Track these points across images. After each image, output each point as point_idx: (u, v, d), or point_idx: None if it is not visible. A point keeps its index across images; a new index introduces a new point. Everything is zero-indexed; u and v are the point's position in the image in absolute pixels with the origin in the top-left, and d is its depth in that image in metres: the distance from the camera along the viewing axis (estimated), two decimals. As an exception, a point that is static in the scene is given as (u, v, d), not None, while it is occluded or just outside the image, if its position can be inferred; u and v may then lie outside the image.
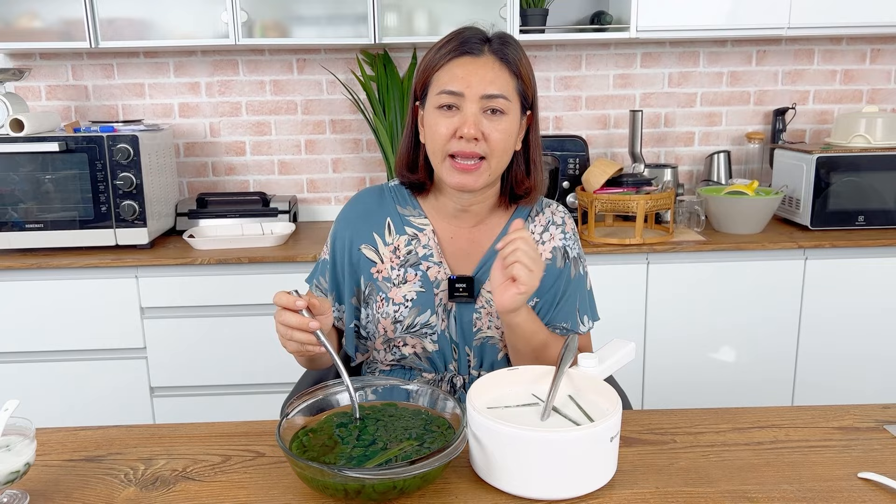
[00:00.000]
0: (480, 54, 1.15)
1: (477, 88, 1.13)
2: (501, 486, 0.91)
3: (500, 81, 1.15)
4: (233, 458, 1.02)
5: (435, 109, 1.16)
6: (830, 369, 2.32)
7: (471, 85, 1.13)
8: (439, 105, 1.15)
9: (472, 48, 1.15)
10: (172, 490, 0.94)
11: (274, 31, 2.33)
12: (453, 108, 1.14)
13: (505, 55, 1.16)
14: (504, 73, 1.15)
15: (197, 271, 2.17)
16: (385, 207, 1.28)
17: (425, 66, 1.19)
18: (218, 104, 2.62)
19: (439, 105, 1.15)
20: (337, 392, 1.05)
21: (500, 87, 1.14)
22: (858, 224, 2.34)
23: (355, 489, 0.85)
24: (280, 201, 2.51)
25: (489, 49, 1.16)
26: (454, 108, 1.15)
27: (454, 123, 1.14)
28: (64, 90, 2.59)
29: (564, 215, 1.32)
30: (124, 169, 2.17)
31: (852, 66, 2.66)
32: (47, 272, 2.14)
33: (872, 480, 0.93)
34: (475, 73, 1.14)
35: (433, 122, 1.16)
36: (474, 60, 1.15)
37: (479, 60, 1.15)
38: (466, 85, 1.13)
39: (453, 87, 1.14)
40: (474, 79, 1.13)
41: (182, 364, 2.23)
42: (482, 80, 1.14)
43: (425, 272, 1.24)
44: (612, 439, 0.91)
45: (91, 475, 0.98)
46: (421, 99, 1.21)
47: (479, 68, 1.14)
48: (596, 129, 2.70)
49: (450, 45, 1.17)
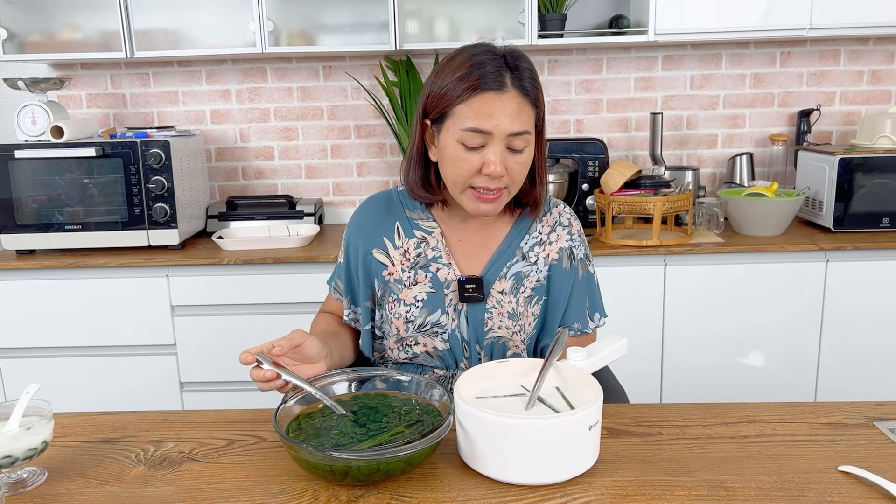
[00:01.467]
0: (504, 90, 1.14)
1: (504, 127, 1.13)
2: (484, 471, 0.95)
3: (524, 117, 1.15)
4: (236, 443, 1.08)
5: (459, 145, 1.15)
6: (852, 373, 2.29)
7: (498, 124, 1.13)
8: (464, 141, 1.15)
9: (494, 83, 1.13)
10: (178, 470, 1.00)
11: (300, 40, 2.42)
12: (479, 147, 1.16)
13: (526, 89, 1.16)
14: (526, 107, 1.16)
15: (224, 271, 2.26)
16: (393, 212, 1.32)
17: (443, 94, 1.16)
18: (247, 111, 2.72)
19: (464, 141, 1.15)
20: (334, 382, 1.11)
21: (525, 124, 1.16)
22: (883, 226, 2.31)
23: (342, 470, 0.90)
24: (306, 204, 2.58)
25: (511, 82, 1.14)
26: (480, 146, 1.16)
27: (480, 160, 1.15)
28: (103, 98, 2.71)
29: (571, 216, 1.36)
30: (157, 173, 2.28)
31: (880, 66, 2.63)
32: (84, 271, 2.26)
33: (852, 474, 0.95)
34: (502, 111, 1.13)
35: (456, 155, 1.16)
36: (499, 97, 1.13)
37: (504, 97, 1.14)
38: (494, 124, 1.13)
39: (482, 127, 1.13)
40: (501, 117, 1.13)
41: (210, 360, 2.31)
42: (508, 117, 1.13)
43: (435, 273, 1.28)
44: (592, 428, 0.94)
45: (105, 455, 1.05)
46: (434, 122, 1.20)
47: (504, 105, 1.13)
48: (617, 132, 2.71)
49: (471, 78, 1.14)
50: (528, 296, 1.29)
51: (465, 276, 1.27)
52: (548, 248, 1.31)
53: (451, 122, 1.16)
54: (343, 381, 1.11)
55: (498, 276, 1.28)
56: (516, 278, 1.28)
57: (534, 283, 1.29)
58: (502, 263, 1.29)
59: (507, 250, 1.29)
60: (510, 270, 1.28)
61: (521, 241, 1.30)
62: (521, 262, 1.29)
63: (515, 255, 1.29)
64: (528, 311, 1.29)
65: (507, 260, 1.29)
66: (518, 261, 1.29)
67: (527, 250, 1.30)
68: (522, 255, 1.29)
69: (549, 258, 1.30)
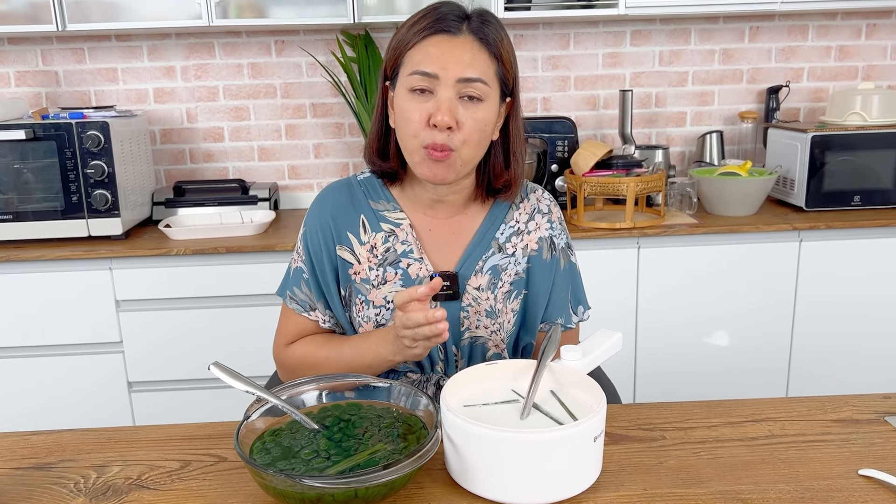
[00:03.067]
0: (458, 33, 1.05)
1: (453, 71, 1.03)
2: (477, 490, 0.85)
3: (479, 64, 1.05)
4: (192, 464, 0.95)
5: (407, 92, 1.06)
6: (826, 355, 2.27)
7: (446, 66, 1.03)
8: (411, 88, 1.05)
9: (448, 26, 1.05)
10: (124, 500, 0.87)
11: (250, 12, 2.25)
12: (426, 91, 1.05)
13: (485, 35, 1.06)
14: (483, 55, 1.06)
15: (173, 262, 2.10)
16: (356, 204, 1.19)
17: (397, 43, 1.08)
18: (194, 89, 2.54)
19: (411, 88, 1.05)
20: (303, 392, 0.99)
21: (479, 71, 1.05)
22: (854, 204, 2.27)
23: (313, 498, 0.79)
24: (260, 188, 2.43)
25: (468, 28, 1.06)
26: (427, 93, 1.05)
27: (427, 109, 1.04)
28: (33, 76, 2.50)
29: (550, 203, 1.25)
30: (95, 157, 2.09)
31: (847, 41, 2.59)
32: (17, 265, 2.07)
33: (874, 478, 0.87)
34: (451, 54, 1.04)
35: (404, 106, 1.06)
36: (451, 39, 1.05)
37: (457, 40, 1.05)
38: (442, 66, 1.03)
39: (427, 69, 1.04)
40: (450, 60, 1.03)
41: (160, 358, 2.16)
42: (459, 61, 1.04)
43: (406, 269, 1.16)
44: (596, 439, 0.85)
45: (38, 484, 0.91)
46: (391, 79, 1.11)
47: (455, 48, 1.04)
48: (585, 111, 2.62)
49: (424, 20, 1.06)
50: (507, 291, 1.18)
51: (438, 273, 1.16)
52: (526, 238, 1.20)
53: (403, 71, 1.07)
54: (313, 391, 0.99)
55: (473, 270, 1.16)
56: (493, 272, 1.17)
57: (512, 276, 1.18)
58: (477, 256, 1.17)
59: (482, 242, 1.18)
60: (486, 264, 1.17)
61: (497, 231, 1.19)
62: (498, 254, 1.18)
63: (491, 246, 1.18)
64: (506, 308, 1.18)
65: (482, 252, 1.17)
66: (494, 253, 1.18)
67: (503, 241, 1.19)
68: (499, 247, 1.18)
69: (527, 249, 1.19)
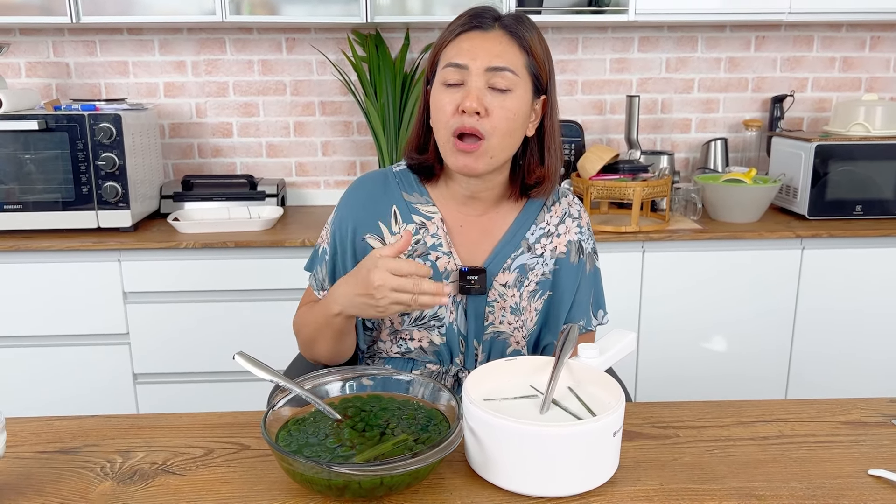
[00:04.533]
0: (490, 29, 1.11)
1: (482, 61, 1.08)
2: (499, 482, 0.87)
3: (508, 55, 1.09)
4: (216, 451, 0.97)
5: (441, 86, 1.11)
6: (825, 361, 2.29)
7: (476, 57, 1.08)
8: (444, 81, 1.10)
9: (481, 22, 1.11)
10: (151, 484, 0.89)
11: (262, 9, 2.26)
12: (459, 85, 1.09)
13: (515, 30, 1.11)
14: (513, 48, 1.10)
15: (182, 255, 2.11)
16: (390, 194, 1.22)
17: (436, 45, 1.15)
18: (204, 84, 2.55)
19: (444, 81, 1.10)
20: (327, 382, 1.00)
21: (507, 61, 1.09)
22: (856, 214, 2.31)
23: (341, 485, 0.81)
24: (268, 185, 2.44)
25: (500, 24, 1.11)
26: (460, 85, 1.09)
27: (457, 99, 1.08)
28: (44, 67, 2.50)
29: (580, 208, 1.28)
30: (106, 149, 2.10)
31: (852, 53, 2.62)
32: (26, 255, 2.08)
33: (883, 478, 0.90)
34: (481, 47, 1.09)
35: (437, 97, 1.11)
36: (483, 34, 1.10)
37: (488, 34, 1.10)
38: (472, 57, 1.08)
39: (458, 60, 1.09)
40: (480, 51, 1.08)
41: (166, 351, 2.17)
42: (488, 52, 1.08)
43: (434, 262, 1.18)
44: (615, 434, 0.87)
45: (65, 468, 0.93)
46: (431, 79, 1.16)
47: (486, 41, 1.09)
48: (592, 115, 2.65)
49: (459, 20, 1.13)
50: (533, 290, 1.20)
51: (467, 267, 1.18)
52: (556, 241, 1.22)
53: (439, 68, 1.12)
54: (337, 382, 1.01)
55: (501, 267, 1.19)
56: (521, 271, 1.20)
57: (539, 276, 1.21)
58: (506, 254, 1.20)
59: (512, 240, 1.20)
60: (514, 262, 1.20)
61: (528, 231, 1.21)
62: (527, 253, 1.20)
63: (521, 245, 1.20)
64: (531, 306, 1.20)
65: (511, 251, 1.20)
66: (523, 252, 1.20)
67: (533, 241, 1.21)
68: (528, 247, 1.21)
69: (556, 251, 1.22)
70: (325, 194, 2.65)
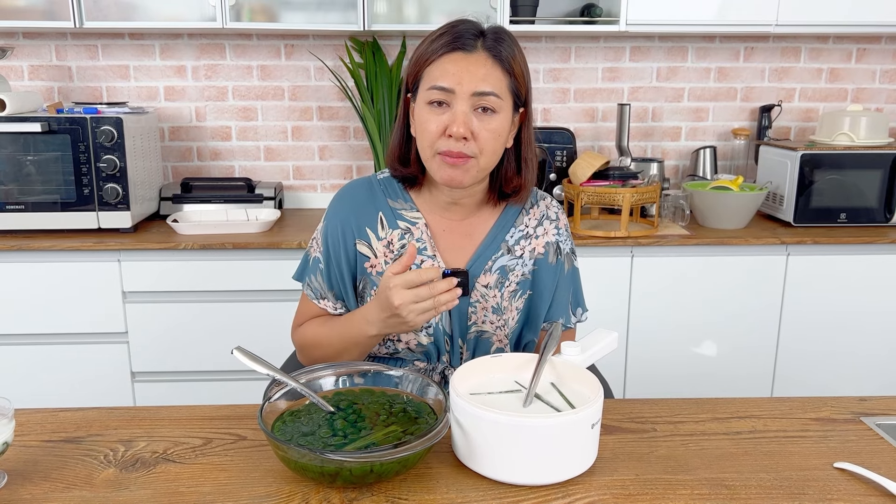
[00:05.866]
0: (473, 50, 1.12)
1: (468, 86, 1.11)
2: (483, 471, 0.92)
3: (492, 79, 1.12)
4: (214, 441, 1.01)
5: (425, 105, 1.14)
6: (809, 363, 2.35)
7: (462, 82, 1.11)
8: (429, 101, 1.13)
9: (464, 43, 1.13)
10: (153, 472, 0.93)
11: (262, 16, 2.31)
12: (444, 104, 1.12)
13: (498, 52, 1.13)
14: (496, 71, 1.13)
15: (180, 256, 2.16)
16: (376, 201, 1.26)
17: (417, 58, 1.16)
18: (204, 88, 2.60)
19: (429, 101, 1.13)
20: (321, 376, 1.05)
21: (492, 85, 1.12)
22: (840, 221, 2.36)
23: (332, 472, 0.85)
24: (265, 188, 2.49)
25: (482, 45, 1.13)
26: (444, 105, 1.12)
27: (444, 121, 1.12)
28: (47, 70, 2.55)
29: (558, 210, 1.33)
30: (108, 151, 2.15)
31: (838, 64, 2.68)
32: (28, 254, 2.12)
33: (847, 470, 0.95)
34: (467, 70, 1.11)
35: (423, 118, 1.14)
36: (466, 57, 1.12)
37: (472, 57, 1.12)
38: (457, 82, 1.11)
39: (444, 84, 1.11)
40: (465, 76, 1.11)
41: (164, 349, 2.21)
42: (473, 77, 1.11)
43: (419, 266, 1.23)
44: (594, 426, 0.92)
45: (70, 456, 0.97)
46: (412, 91, 1.19)
47: (470, 65, 1.12)
48: (584, 122, 2.70)
49: (443, 38, 1.13)
50: (513, 290, 1.25)
51: (450, 270, 1.23)
52: (534, 242, 1.27)
53: (422, 85, 1.15)
54: (330, 376, 1.05)
55: (483, 269, 1.24)
56: (501, 272, 1.25)
57: (518, 277, 1.26)
58: (487, 257, 1.25)
59: (492, 243, 1.25)
60: (495, 264, 1.25)
61: (507, 234, 1.26)
62: (507, 255, 1.25)
63: (500, 248, 1.25)
64: (511, 306, 1.25)
65: (492, 253, 1.25)
66: (503, 254, 1.25)
67: (512, 244, 1.26)
68: (508, 249, 1.26)
69: (534, 252, 1.27)
70: (322, 198, 2.70)
